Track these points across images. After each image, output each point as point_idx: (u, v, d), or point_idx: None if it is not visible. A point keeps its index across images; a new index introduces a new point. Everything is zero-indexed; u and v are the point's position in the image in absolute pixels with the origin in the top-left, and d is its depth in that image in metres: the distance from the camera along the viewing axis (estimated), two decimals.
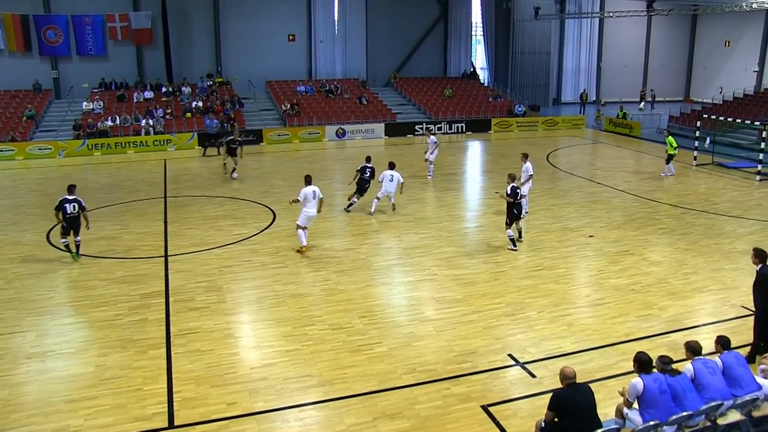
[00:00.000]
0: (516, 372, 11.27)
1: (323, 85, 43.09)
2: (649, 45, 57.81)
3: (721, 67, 55.30)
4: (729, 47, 54.64)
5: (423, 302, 14.36)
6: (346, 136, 38.02)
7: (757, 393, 8.96)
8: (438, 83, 47.06)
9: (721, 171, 29.15)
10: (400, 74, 47.39)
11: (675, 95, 58.03)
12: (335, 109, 40.19)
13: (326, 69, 45.22)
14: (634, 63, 57.45)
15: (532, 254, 17.49)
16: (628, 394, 8.61)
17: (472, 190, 26.08)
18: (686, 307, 14.13)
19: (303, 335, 12.59)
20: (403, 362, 11.52)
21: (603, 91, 56.52)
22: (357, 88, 43.66)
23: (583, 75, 56.02)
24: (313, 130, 37.64)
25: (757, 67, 51.21)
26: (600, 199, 23.62)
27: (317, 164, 30.55)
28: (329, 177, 27.81)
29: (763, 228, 20.11)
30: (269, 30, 43.23)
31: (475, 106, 43.91)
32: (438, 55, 49.53)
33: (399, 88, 46.05)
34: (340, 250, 17.82)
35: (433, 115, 41.92)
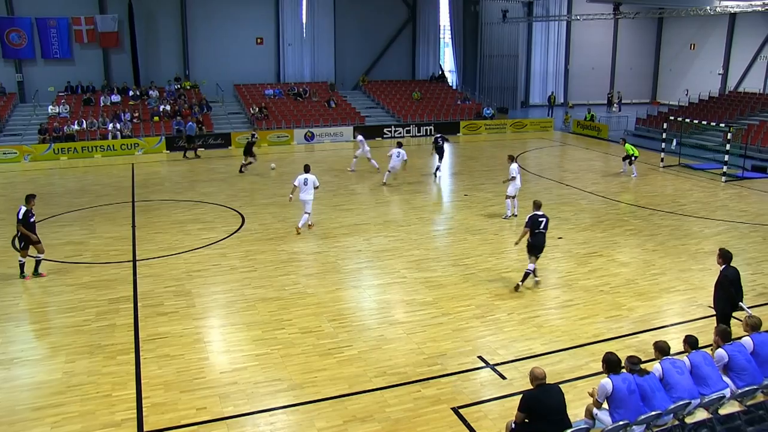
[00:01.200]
0: (486, 374, 11.34)
1: (292, 88, 42.97)
2: (616, 48, 58.52)
3: (687, 70, 56.16)
4: (694, 50, 55.52)
5: (393, 305, 14.39)
6: (315, 140, 37.95)
7: (724, 391, 9.12)
8: (406, 86, 47.18)
9: (688, 172, 29.60)
10: (369, 77, 47.42)
11: (642, 97, 58.78)
12: (304, 113, 40.09)
13: (294, 72, 45.07)
14: (601, 66, 58.09)
15: (501, 256, 17.62)
16: (597, 394, 8.69)
17: (442, 193, 26.18)
18: (654, 308, 14.33)
19: (273, 339, 12.55)
20: (373, 365, 11.53)
21: (571, 94, 57.07)
22: (325, 91, 43.61)
23: (551, 78, 56.53)
24: (281, 134, 37.52)
25: (721, 70, 52.10)
26: (568, 201, 23.86)
27: (286, 167, 30.45)
28: None
29: (729, 228, 20.47)
30: (237, 33, 42.99)
31: (444, 108, 44.10)
32: (406, 58, 49.65)
33: (367, 91, 46.08)
34: (310, 253, 17.79)
35: (401, 118, 42.00)
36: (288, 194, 20.42)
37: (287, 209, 22.28)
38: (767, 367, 9.61)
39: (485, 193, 24.90)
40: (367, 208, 22.50)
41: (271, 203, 23.17)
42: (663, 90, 59.53)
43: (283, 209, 22.31)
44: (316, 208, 22.61)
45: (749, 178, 28.26)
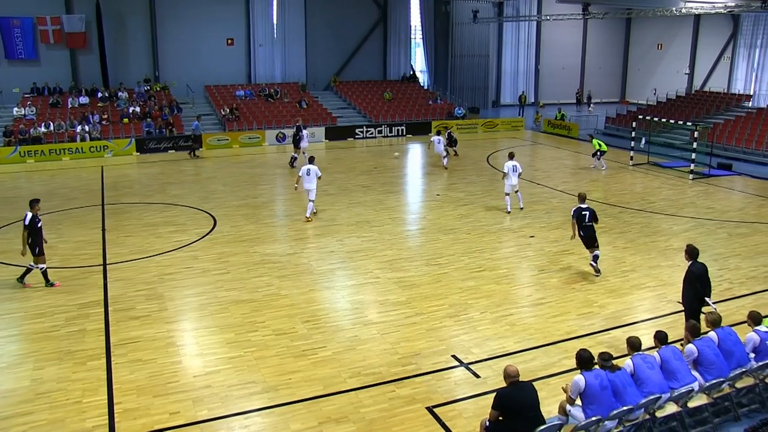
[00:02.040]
0: (460, 373, 11.39)
1: (263, 89, 42.73)
2: (586, 48, 59.05)
3: (655, 70, 56.87)
4: (662, 50, 56.23)
5: (366, 305, 14.40)
6: (287, 141, 37.72)
7: (692, 385, 9.29)
8: (378, 86, 47.18)
9: (657, 170, 29.98)
10: (340, 78, 47.34)
11: (611, 97, 59.37)
12: (275, 114, 39.90)
13: (265, 73, 44.82)
14: (571, 65, 58.58)
15: (474, 255, 17.70)
16: (570, 390, 8.79)
17: (413, 193, 26.24)
18: (625, 304, 14.51)
19: (246, 341, 12.49)
20: (347, 366, 11.53)
21: (541, 93, 57.44)
22: (297, 92, 43.44)
23: (521, 77, 56.87)
24: (252, 135, 37.31)
25: (688, 70, 52.86)
26: (540, 200, 24.04)
27: (258, 169, 30.31)
28: (270, 182, 27.63)
29: (697, 225, 20.79)
30: (207, 34, 42.62)
31: (415, 109, 44.18)
32: (378, 58, 49.63)
33: (339, 92, 46.00)
34: (283, 255, 17.73)
35: (373, 118, 41.98)
36: (293, 184, 21.82)
37: (259, 211, 22.20)
38: (732, 359, 9.82)
39: (457, 193, 24.99)
40: (340, 209, 22.48)
41: (243, 205, 23.04)
42: (632, 89, 60.21)
43: (255, 210, 22.22)
44: (289, 209, 22.64)
45: (715, 176, 28.72)
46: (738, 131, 35.36)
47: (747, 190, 26.35)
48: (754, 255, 17.92)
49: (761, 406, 10.10)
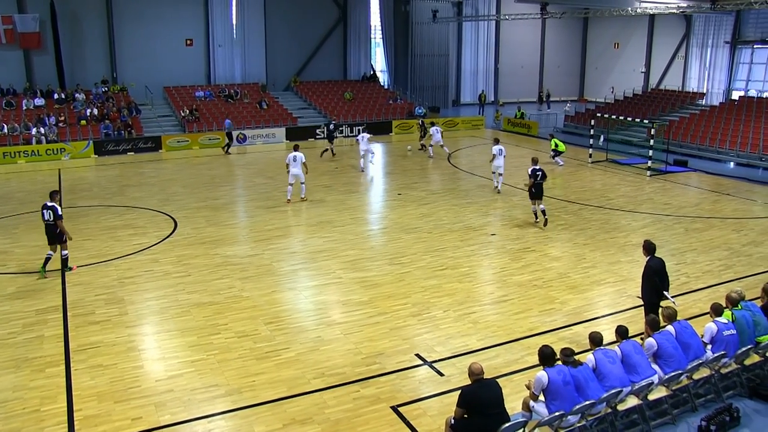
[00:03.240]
0: (424, 371, 11.41)
1: (222, 90, 42.35)
2: (544, 47, 59.65)
3: (612, 68, 57.70)
4: (618, 49, 57.06)
5: (329, 306, 14.36)
6: (247, 141, 37.49)
7: (652, 378, 9.46)
8: (338, 86, 47.09)
9: (615, 168, 30.42)
10: (300, 78, 47.14)
11: (570, 95, 60.02)
12: (235, 114, 39.53)
13: (225, 74, 44.43)
14: (530, 64, 59.14)
15: (436, 254, 17.75)
16: (533, 387, 8.86)
17: (375, 193, 26.24)
18: (586, 300, 14.68)
19: (209, 344, 12.36)
20: (311, 367, 11.47)
21: (501, 92, 57.91)
22: (257, 93, 43.14)
23: (481, 76, 57.23)
24: (213, 136, 36.93)
25: (644, 68, 53.78)
26: (501, 198, 24.22)
27: (218, 170, 30.03)
28: (231, 183, 27.40)
29: (654, 221, 21.14)
30: (166, 34, 42.08)
31: (376, 108, 44.20)
32: (338, 58, 49.54)
33: (299, 92, 45.80)
34: (244, 256, 17.58)
35: (334, 118, 41.87)
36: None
37: (220, 212, 22.00)
38: (689, 351, 10.03)
39: (419, 192, 25.05)
40: (301, 210, 22.39)
41: (204, 206, 22.80)
42: (590, 87, 61.01)
43: (216, 212, 22.00)
44: (251, 210, 22.50)
45: (672, 172, 29.25)
46: (693, 128, 36.11)
47: (702, 186, 26.89)
48: (710, 249, 18.29)
49: (716, 396, 10.35)
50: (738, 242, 19.01)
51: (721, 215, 22.05)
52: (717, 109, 38.77)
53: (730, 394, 10.53)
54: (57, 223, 16.00)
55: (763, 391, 10.50)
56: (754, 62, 45.57)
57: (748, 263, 17.22)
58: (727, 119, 36.03)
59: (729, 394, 10.51)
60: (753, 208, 23.39)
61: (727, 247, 18.51)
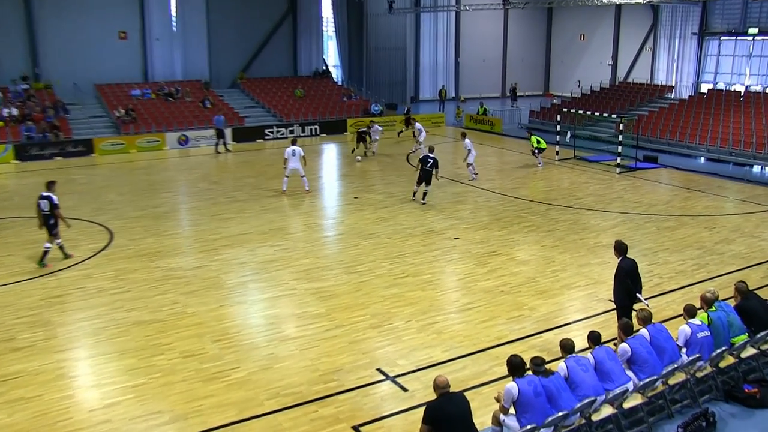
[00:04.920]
0: (386, 387, 11.37)
1: (161, 87, 41.81)
2: (507, 39, 60.24)
3: (578, 61, 58.53)
4: (584, 41, 57.93)
5: (282, 320, 14.24)
6: (190, 144, 37.05)
7: (627, 385, 9.59)
8: (288, 83, 46.92)
9: (583, 165, 30.84)
10: (247, 74, 46.81)
11: (535, 90, 60.77)
12: (176, 114, 39.14)
13: (164, 70, 43.87)
14: (492, 58, 59.65)
15: (396, 261, 17.75)
16: (503, 399, 8.88)
17: (329, 197, 26.16)
18: (556, 305, 14.82)
19: (150, 367, 12.12)
20: (264, 387, 11.35)
21: (462, 87, 58.34)
22: (200, 91, 42.71)
23: (441, 71, 57.57)
24: (151, 138, 36.44)
25: (611, 61, 54.68)
26: (463, 199, 24.35)
27: (158, 175, 29.64)
28: (172, 189, 27.05)
29: (625, 220, 21.48)
30: (96, 26, 41.14)
31: (329, 106, 44.14)
32: (287, 52, 49.34)
33: (246, 90, 45.51)
34: (189, 269, 17.34)
35: (284, 117, 41.69)
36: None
37: (161, 221, 21.68)
38: (664, 356, 10.20)
39: (376, 195, 25.06)
40: (250, 217, 22.19)
41: (143, 215, 22.44)
42: (555, 81, 61.79)
43: (156, 221, 21.67)
44: (195, 218, 22.26)
45: (642, 169, 29.79)
46: (662, 123, 36.83)
47: (673, 183, 27.42)
48: (682, 248, 18.66)
49: (693, 401, 10.54)
50: (710, 240, 19.45)
51: (692, 213, 22.50)
52: (686, 102, 39.61)
53: (706, 398, 10.73)
54: (54, 213, 17.45)
55: (739, 394, 10.76)
56: (721, 54, 46.86)
57: (720, 262, 17.64)
58: (697, 113, 36.84)
59: (705, 398, 10.71)
60: (724, 204, 23.95)
61: (699, 246, 18.91)
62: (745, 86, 43.89)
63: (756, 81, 44.46)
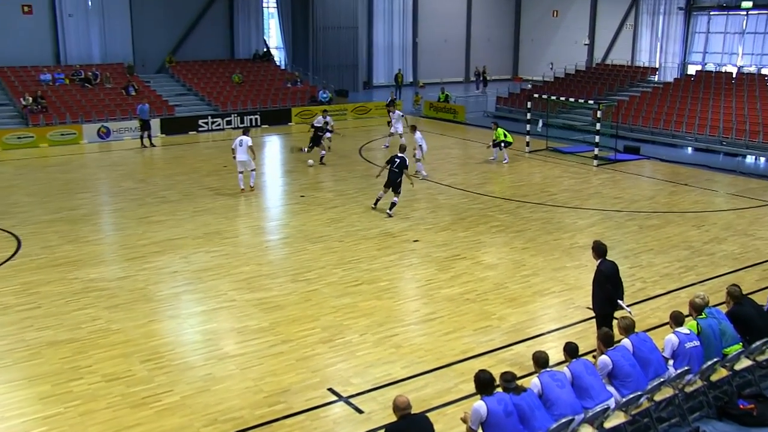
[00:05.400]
0: (339, 409, 11.40)
1: (76, 72, 41.24)
2: (471, 17, 60.73)
3: (551, 40, 59.19)
4: (557, 17, 58.65)
5: (221, 335, 14.19)
6: (112, 137, 36.62)
7: (608, 402, 9.65)
8: (225, 67, 46.68)
9: (557, 157, 31.21)
10: (177, 57, 46.43)
11: (502, 73, 61.30)
12: (95, 103, 38.67)
13: (80, 52, 43.17)
14: (454, 38, 60.04)
15: (349, 267, 17.79)
16: (470, 420, 8.92)
17: (273, 196, 26.10)
18: (528, 314, 14.98)
19: (67, 393, 11.96)
20: (200, 412, 11.30)
21: (421, 71, 58.62)
22: (122, 76, 42.27)
23: (397, 53, 57.81)
24: (66, 131, 35.93)
25: (587, 40, 55.36)
26: (423, 197, 24.49)
27: (75, 173, 29.24)
28: (92, 189, 26.73)
29: (604, 218, 21.79)
30: None
31: (271, 93, 44.01)
32: (223, 33, 49.00)
33: (176, 75, 45.18)
34: (112, 279, 17.18)
35: (219, 106, 41.48)
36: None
37: (79, 226, 21.41)
38: (649, 368, 10.31)
39: (325, 194, 25.10)
40: (183, 219, 22.05)
41: (58, 219, 22.16)
42: (525, 64, 62.48)
43: (73, 226, 21.39)
44: (119, 222, 22.06)
45: (622, 161, 30.23)
46: (645, 109, 37.43)
47: (657, 176, 27.92)
48: (668, 249, 18.99)
49: (682, 419, 10.70)
50: (699, 240, 19.82)
51: (679, 209, 22.94)
52: (671, 86, 40.33)
53: (697, 415, 10.92)
54: None
55: (733, 411, 10.91)
56: (711, 31, 47.44)
57: (710, 263, 17.97)
58: (683, 98, 37.52)
59: (695, 416, 10.90)
60: (714, 199, 24.46)
61: (687, 246, 19.26)
62: (737, 67, 44.59)
63: (749, 61, 45.15)
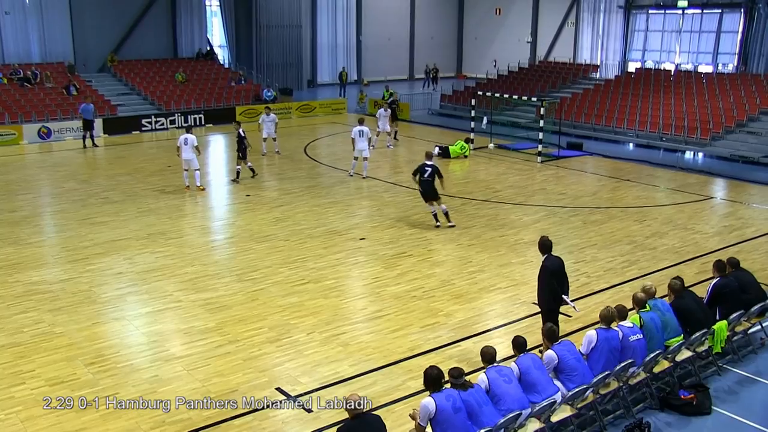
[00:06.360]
0: (288, 408, 11.36)
1: (15, 71, 40.46)
2: (414, 15, 60.92)
3: (494, 38, 59.67)
4: (500, 15, 59.10)
5: (167, 336, 14.06)
6: (53, 137, 35.98)
7: (554, 396, 9.79)
8: (167, 66, 46.19)
9: (501, 154, 31.50)
10: (119, 56, 45.80)
11: (446, 71, 61.54)
12: (35, 103, 37.98)
13: (17, 50, 42.34)
14: (398, 36, 60.21)
15: (295, 266, 17.75)
16: (419, 417, 8.96)
17: (217, 195, 25.89)
18: (475, 311, 15.10)
19: (9, 399, 11.73)
20: (147, 415, 11.16)
21: (365, 70, 58.67)
22: (63, 75, 41.58)
23: (341, 51, 57.77)
24: (5, 131, 35.20)
25: (530, 38, 55.95)
26: (369, 195, 24.54)
27: (14, 174, 28.64)
28: (33, 190, 26.24)
29: (549, 214, 22.05)
30: None
31: (215, 92, 43.67)
32: (165, 31, 48.42)
33: (118, 74, 44.56)
34: (55, 282, 16.89)
35: (163, 105, 41.04)
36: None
37: (20, 228, 21.00)
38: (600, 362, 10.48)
39: (271, 192, 24.99)
40: (126, 220, 21.77)
41: None
42: (469, 61, 62.87)
43: (13, 228, 20.98)
44: (61, 223, 21.70)
45: (565, 157, 30.65)
46: (587, 106, 37.99)
47: (599, 172, 28.35)
48: (611, 243, 19.30)
49: (626, 411, 10.91)
50: (641, 234, 20.20)
51: (621, 204, 23.33)
52: (612, 83, 41.00)
53: (641, 407, 11.15)
54: None
55: (675, 401, 11.16)
56: (649, 29, 48.24)
57: (652, 257, 18.33)
58: (624, 94, 38.17)
59: (639, 407, 11.12)
60: (655, 194, 24.92)
61: (630, 240, 19.61)
62: (675, 65, 45.57)
63: (686, 59, 46.07)
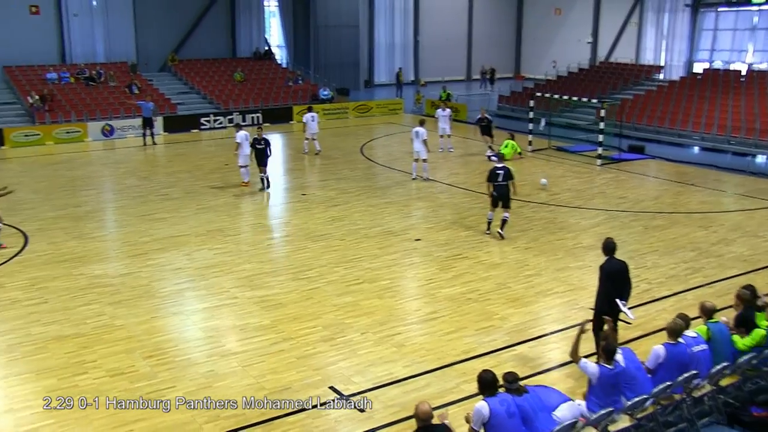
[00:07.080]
0: (341, 407, 11.38)
1: (81, 70, 41.31)
2: (473, 15, 60.61)
3: (553, 38, 58.99)
4: (560, 15, 58.45)
5: (223, 332, 14.20)
6: (115, 134, 36.67)
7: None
8: (226, 66, 46.67)
9: (560, 156, 31.16)
10: (180, 56, 46.42)
11: (504, 71, 61.11)
12: (99, 101, 38.70)
13: (84, 51, 43.31)
14: (456, 36, 59.95)
15: (350, 265, 17.78)
16: (472, 421, 8.89)
17: (275, 194, 26.05)
18: (531, 315, 14.95)
19: (73, 387, 11.99)
20: (202, 409, 11.31)
21: (422, 70, 58.54)
22: (126, 74, 42.30)
23: (398, 51, 57.73)
24: (71, 129, 35.98)
25: (590, 38, 55.20)
26: (425, 195, 24.48)
27: (79, 170, 29.26)
28: (96, 186, 26.77)
29: (608, 218, 21.74)
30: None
31: (273, 91, 44.00)
32: (224, 31, 48.98)
33: (178, 73, 45.18)
34: (116, 276, 17.19)
35: (221, 104, 41.49)
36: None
37: (84, 223, 21.44)
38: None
39: (327, 192, 25.08)
40: (186, 216, 22.05)
41: (63, 216, 22.18)
42: (527, 62, 62.33)
43: (77, 223, 21.41)
44: (122, 219, 22.06)
45: (626, 160, 30.14)
46: (649, 108, 37.32)
47: (662, 176, 27.87)
48: (673, 250, 18.92)
49: (689, 425, 10.57)
50: (706, 241, 19.72)
51: (685, 209, 22.89)
52: (677, 84, 40.21)
53: (706, 421, 10.73)
54: None
55: (746, 417, 10.62)
56: (719, 28, 46.82)
57: (718, 265, 17.84)
58: (689, 96, 37.40)
59: (704, 421, 10.70)
60: (722, 200, 24.39)
61: (694, 247, 19.18)
62: (747, 64, 44.02)
63: (760, 58, 44.40)
